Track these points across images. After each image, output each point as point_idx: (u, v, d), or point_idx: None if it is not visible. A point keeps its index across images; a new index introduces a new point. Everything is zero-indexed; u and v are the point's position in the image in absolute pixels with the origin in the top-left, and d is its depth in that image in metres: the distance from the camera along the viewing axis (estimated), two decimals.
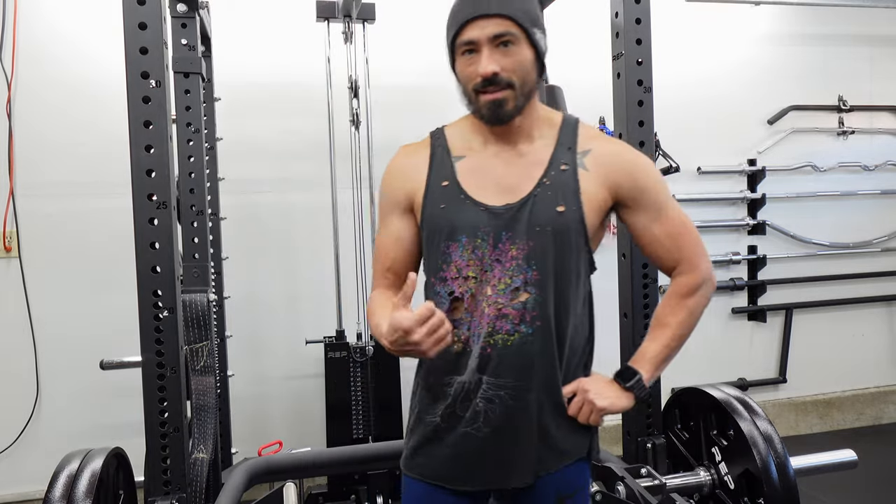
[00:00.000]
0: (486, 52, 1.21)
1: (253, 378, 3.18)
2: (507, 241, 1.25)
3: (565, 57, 3.23)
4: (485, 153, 1.31)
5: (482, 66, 1.20)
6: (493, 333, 1.24)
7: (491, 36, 1.20)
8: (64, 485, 1.46)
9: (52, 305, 2.99)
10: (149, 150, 1.61)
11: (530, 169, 1.28)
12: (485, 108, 1.24)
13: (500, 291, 1.24)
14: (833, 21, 3.93)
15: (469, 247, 1.26)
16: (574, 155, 1.29)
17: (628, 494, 1.50)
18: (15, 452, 2.97)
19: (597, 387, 1.30)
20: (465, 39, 1.22)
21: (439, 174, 1.31)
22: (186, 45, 2.26)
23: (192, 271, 2.24)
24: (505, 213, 1.25)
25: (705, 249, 1.36)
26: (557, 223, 1.24)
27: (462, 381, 1.26)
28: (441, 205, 1.28)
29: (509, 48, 1.21)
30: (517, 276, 1.24)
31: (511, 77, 1.22)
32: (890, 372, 4.14)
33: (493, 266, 1.25)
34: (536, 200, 1.25)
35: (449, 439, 1.29)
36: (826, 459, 1.84)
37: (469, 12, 1.21)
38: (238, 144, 2.98)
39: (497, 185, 1.28)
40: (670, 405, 1.99)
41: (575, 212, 1.25)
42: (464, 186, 1.28)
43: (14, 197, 2.95)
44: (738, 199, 3.81)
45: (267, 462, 2.03)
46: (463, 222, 1.26)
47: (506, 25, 1.20)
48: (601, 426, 1.35)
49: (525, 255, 1.24)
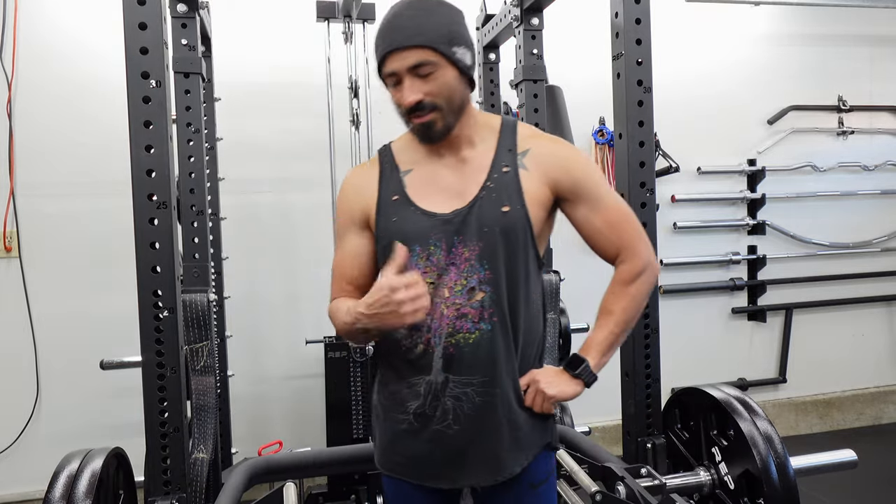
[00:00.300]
0: (407, 83, 1.27)
1: (253, 378, 3.18)
2: (459, 245, 1.30)
3: (565, 57, 3.24)
4: (430, 164, 1.37)
5: (404, 96, 1.27)
6: (455, 333, 1.29)
7: (409, 67, 1.26)
8: (64, 485, 1.46)
9: (52, 305, 2.99)
10: (149, 150, 1.61)
11: (475, 174, 1.34)
12: (416, 130, 1.32)
13: (456, 293, 1.30)
14: (833, 21, 3.93)
15: (423, 255, 1.31)
16: (514, 156, 1.35)
17: (628, 494, 1.49)
18: (15, 452, 2.97)
19: (547, 377, 1.35)
20: (388, 71, 1.28)
21: (389, 189, 1.37)
22: (186, 45, 2.26)
23: (192, 271, 2.24)
24: (454, 219, 1.31)
25: (646, 237, 1.40)
26: (503, 222, 1.30)
27: (429, 381, 1.31)
28: (393, 218, 1.34)
29: (429, 76, 1.27)
30: (472, 276, 1.30)
31: (435, 101, 1.27)
32: (890, 372, 4.14)
33: (449, 269, 1.30)
34: (482, 203, 1.31)
35: (423, 437, 1.33)
36: (826, 459, 1.84)
37: (385, 46, 1.27)
38: (238, 144, 2.98)
39: (445, 193, 1.34)
40: (670, 405, 1.99)
41: (519, 210, 1.31)
42: (412, 198, 1.34)
43: (14, 197, 2.95)
44: (738, 199, 3.81)
45: (267, 461, 2.03)
46: (414, 232, 1.32)
47: (422, 55, 1.25)
48: (599, 427, 1.35)
49: (477, 255, 1.30)
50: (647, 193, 1.89)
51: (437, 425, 1.31)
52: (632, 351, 1.92)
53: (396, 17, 1.29)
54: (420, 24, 1.27)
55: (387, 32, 1.28)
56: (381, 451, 1.41)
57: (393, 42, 1.26)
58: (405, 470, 1.37)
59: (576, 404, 2.76)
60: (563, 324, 2.58)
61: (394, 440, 1.37)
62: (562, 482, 1.65)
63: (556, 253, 2.57)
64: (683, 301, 3.74)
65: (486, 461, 1.33)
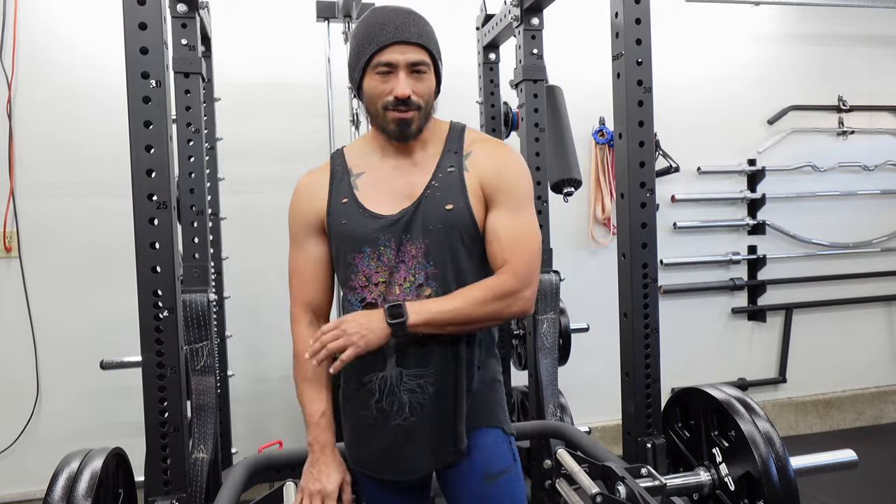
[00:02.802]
0: (402, 76, 1.32)
1: (253, 378, 3.18)
2: (407, 243, 1.36)
3: (565, 57, 3.24)
4: (383, 167, 1.42)
5: (399, 87, 1.31)
6: None
7: (409, 62, 1.32)
8: (64, 485, 1.46)
9: (52, 305, 2.99)
10: (149, 150, 1.61)
11: (422, 175, 1.39)
12: (393, 124, 1.35)
13: (406, 289, 1.36)
14: (833, 21, 3.93)
15: (374, 255, 1.37)
16: (460, 157, 1.40)
17: (628, 495, 1.49)
18: (15, 452, 2.97)
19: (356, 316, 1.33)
20: (384, 60, 1.32)
21: (339, 192, 1.42)
22: (186, 45, 2.26)
23: (192, 271, 2.24)
24: (401, 219, 1.36)
25: (537, 271, 1.39)
26: (447, 220, 1.35)
27: (383, 376, 1.37)
28: (343, 220, 1.39)
29: (422, 75, 1.34)
30: (419, 272, 1.36)
31: (420, 101, 1.34)
32: (890, 372, 4.14)
33: (399, 267, 1.36)
34: (427, 202, 1.36)
35: (383, 433, 1.39)
36: (826, 459, 1.83)
37: (391, 36, 1.31)
38: (238, 144, 2.98)
39: (394, 195, 1.39)
40: (670, 405, 1.99)
41: (463, 207, 1.36)
42: (362, 201, 1.39)
43: (14, 197, 2.95)
44: (738, 199, 3.81)
45: (267, 457, 2.02)
46: (364, 234, 1.37)
47: (423, 55, 1.34)
48: (599, 427, 1.34)
49: (423, 252, 1.35)
50: (647, 193, 1.89)
51: (396, 419, 1.37)
52: (632, 351, 1.92)
53: (398, 15, 1.34)
54: (422, 29, 1.35)
55: (390, 26, 1.32)
56: (348, 447, 1.47)
57: (400, 35, 1.31)
58: (371, 465, 1.43)
59: (576, 404, 2.77)
60: (562, 324, 2.58)
61: (359, 436, 1.43)
62: (562, 482, 1.65)
63: (556, 253, 2.57)
64: (683, 301, 3.74)
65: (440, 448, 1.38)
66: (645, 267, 1.92)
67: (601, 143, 3.55)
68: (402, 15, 1.35)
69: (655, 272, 1.94)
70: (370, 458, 1.43)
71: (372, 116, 1.40)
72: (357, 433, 1.44)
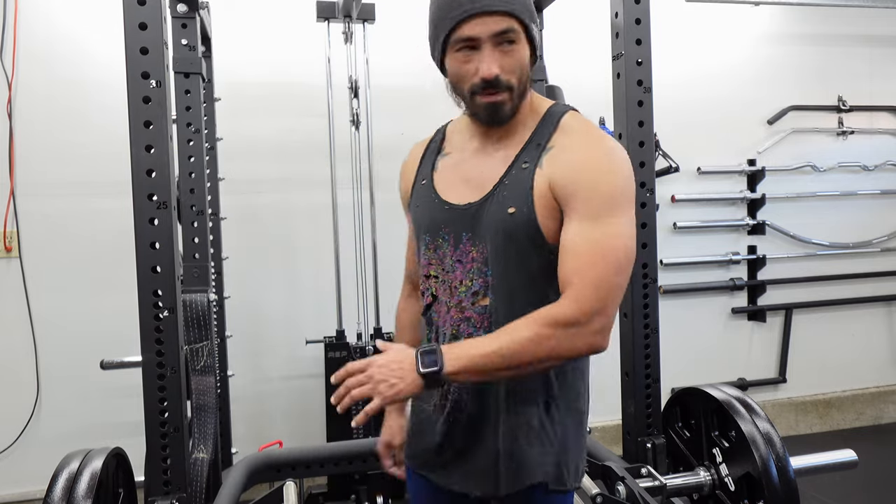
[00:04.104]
0: (487, 52, 1.12)
1: (253, 378, 3.18)
2: (467, 242, 1.20)
3: (565, 57, 3.24)
4: (468, 149, 1.27)
5: (484, 67, 1.12)
6: (458, 335, 1.22)
7: (494, 33, 1.12)
8: (64, 485, 1.46)
9: (52, 305, 2.99)
10: (149, 150, 1.61)
11: (498, 166, 1.21)
12: (482, 109, 1.18)
13: (461, 294, 1.21)
14: (833, 21, 3.93)
15: (432, 246, 1.25)
16: (540, 151, 1.18)
17: (628, 495, 1.50)
18: (15, 452, 2.97)
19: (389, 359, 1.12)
20: (464, 35, 1.12)
21: (423, 172, 1.31)
22: (186, 45, 2.26)
23: (192, 271, 2.24)
24: (466, 212, 1.20)
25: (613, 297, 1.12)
26: (508, 226, 1.16)
27: None
28: (417, 203, 1.29)
29: (511, 47, 1.14)
30: (477, 279, 1.19)
31: (510, 79, 1.15)
32: (890, 372, 4.14)
33: (455, 267, 1.22)
34: (494, 200, 1.18)
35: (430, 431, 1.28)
36: (826, 459, 1.84)
37: (469, 7, 1.11)
38: (238, 144, 2.97)
39: (467, 183, 1.23)
40: (670, 405, 1.99)
41: (525, 214, 1.15)
42: (436, 185, 1.26)
43: (14, 197, 2.95)
44: (737, 199, 3.81)
45: (267, 456, 2.03)
46: (428, 221, 1.25)
47: (508, 22, 1.12)
48: (599, 427, 1.34)
49: (484, 257, 1.19)
50: (647, 193, 1.89)
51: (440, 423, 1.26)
52: (632, 351, 1.92)
53: None
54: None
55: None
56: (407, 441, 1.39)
57: (479, 4, 1.10)
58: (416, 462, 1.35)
59: None
60: None
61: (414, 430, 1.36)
62: None
63: None
64: (683, 301, 3.74)
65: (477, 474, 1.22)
66: (645, 267, 1.92)
67: None
68: None
69: (655, 272, 1.94)
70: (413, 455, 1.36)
71: (460, 101, 1.23)
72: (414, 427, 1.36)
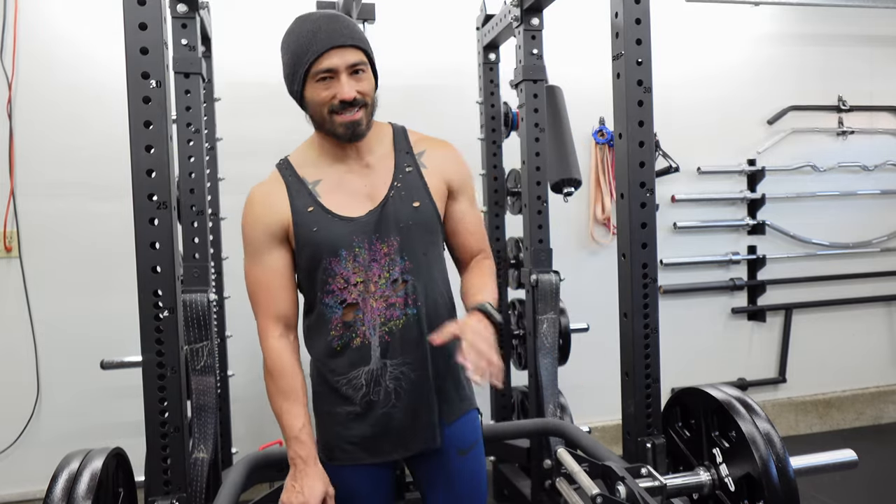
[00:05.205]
0: (344, 79, 1.37)
1: (253, 378, 3.16)
2: (377, 242, 1.44)
3: (565, 57, 3.24)
4: (337, 173, 1.47)
5: (344, 90, 1.36)
6: (387, 322, 1.44)
7: (349, 64, 1.37)
8: (64, 485, 1.46)
9: (52, 305, 2.99)
10: (149, 150, 1.61)
11: (381, 176, 1.47)
12: (341, 127, 1.39)
13: (382, 286, 1.44)
14: (833, 21, 3.93)
15: (349, 257, 1.43)
16: (413, 157, 1.51)
17: (628, 495, 1.49)
18: (15, 452, 2.97)
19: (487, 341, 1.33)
20: (324, 67, 1.37)
21: (301, 202, 1.44)
22: (186, 45, 2.26)
23: (192, 271, 2.24)
24: (370, 219, 1.44)
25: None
26: (417, 216, 1.46)
27: (369, 370, 1.44)
28: (314, 228, 1.43)
29: (362, 75, 1.40)
30: (393, 268, 1.44)
31: (365, 98, 1.40)
32: (890, 372, 4.14)
33: (372, 266, 1.44)
34: (394, 201, 1.45)
35: (370, 421, 1.46)
36: (826, 459, 1.83)
37: (325, 43, 1.36)
38: (238, 144, 2.97)
39: (355, 197, 1.45)
40: (670, 405, 1.99)
41: (428, 204, 1.48)
42: (328, 207, 1.44)
43: (14, 197, 2.95)
44: (737, 199, 3.81)
45: (267, 456, 2.03)
46: (338, 238, 1.42)
47: (359, 55, 1.39)
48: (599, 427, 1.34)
49: (396, 249, 1.44)
50: (647, 193, 1.89)
51: (383, 408, 1.45)
52: (632, 351, 1.92)
53: (327, 20, 1.39)
54: (353, 30, 1.40)
55: (321, 33, 1.37)
56: (329, 445, 1.50)
57: (335, 39, 1.36)
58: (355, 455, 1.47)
59: (576, 404, 2.77)
60: (562, 324, 2.58)
61: (341, 430, 1.48)
62: (562, 481, 1.65)
63: (556, 253, 2.57)
64: (683, 301, 3.75)
65: (422, 431, 1.47)
66: (645, 267, 1.92)
67: (601, 143, 3.55)
68: (330, 20, 1.39)
69: (655, 272, 1.94)
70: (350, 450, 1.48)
71: (318, 124, 1.44)
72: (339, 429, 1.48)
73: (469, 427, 1.56)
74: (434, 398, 1.48)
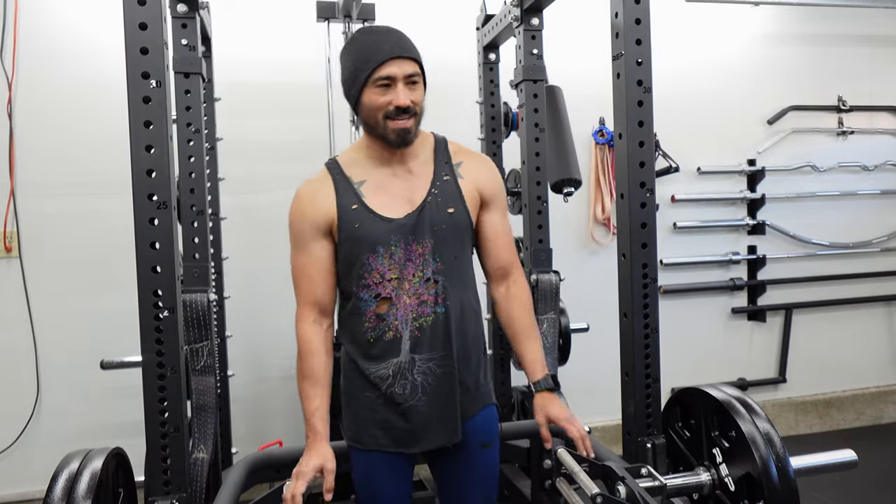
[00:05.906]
0: (401, 87, 1.49)
1: (253, 378, 3.18)
2: (413, 242, 1.54)
3: (565, 57, 3.24)
4: (381, 175, 1.58)
5: (400, 97, 1.48)
6: (418, 318, 1.54)
7: (406, 74, 1.49)
8: (64, 485, 1.46)
9: (53, 305, 2.99)
10: (149, 150, 1.61)
11: (421, 181, 1.58)
12: (393, 133, 1.50)
13: (416, 283, 1.54)
14: (833, 21, 3.93)
15: (386, 254, 1.53)
16: (451, 167, 1.62)
17: (628, 495, 1.49)
18: (15, 452, 2.97)
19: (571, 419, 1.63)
20: (384, 74, 1.48)
21: (347, 199, 1.55)
22: (187, 45, 2.26)
23: (192, 271, 2.24)
24: (408, 221, 1.54)
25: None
26: (450, 222, 1.57)
27: (398, 362, 1.54)
28: (356, 224, 1.54)
29: (416, 86, 1.52)
30: (427, 268, 1.54)
31: (417, 108, 1.52)
32: (890, 372, 4.14)
33: (407, 264, 1.54)
34: (431, 206, 1.56)
35: (397, 411, 1.55)
36: (826, 459, 1.83)
37: (388, 52, 1.48)
38: (238, 144, 2.98)
39: (396, 200, 1.56)
40: (670, 405, 1.99)
41: (462, 211, 1.59)
42: (371, 206, 1.55)
43: (14, 197, 2.95)
44: (737, 199, 3.81)
45: (267, 456, 2.03)
46: (377, 236, 1.53)
47: (415, 67, 1.51)
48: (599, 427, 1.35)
49: (429, 250, 1.54)
50: (647, 193, 1.89)
51: (410, 401, 1.54)
52: (632, 351, 1.92)
53: (390, 34, 1.53)
54: (411, 45, 1.53)
55: (386, 44, 1.49)
56: (356, 429, 1.59)
57: (395, 51, 1.49)
58: (381, 442, 1.57)
59: (576, 404, 2.77)
60: (562, 324, 2.58)
61: (368, 415, 1.57)
62: (562, 482, 1.65)
63: (556, 253, 2.57)
64: (683, 301, 3.75)
65: (445, 425, 1.56)
66: (645, 267, 1.92)
67: (601, 143, 3.55)
68: (394, 34, 1.54)
69: (655, 272, 1.94)
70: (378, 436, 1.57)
71: (370, 127, 1.54)
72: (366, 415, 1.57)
73: (489, 421, 1.66)
74: (458, 394, 1.56)
